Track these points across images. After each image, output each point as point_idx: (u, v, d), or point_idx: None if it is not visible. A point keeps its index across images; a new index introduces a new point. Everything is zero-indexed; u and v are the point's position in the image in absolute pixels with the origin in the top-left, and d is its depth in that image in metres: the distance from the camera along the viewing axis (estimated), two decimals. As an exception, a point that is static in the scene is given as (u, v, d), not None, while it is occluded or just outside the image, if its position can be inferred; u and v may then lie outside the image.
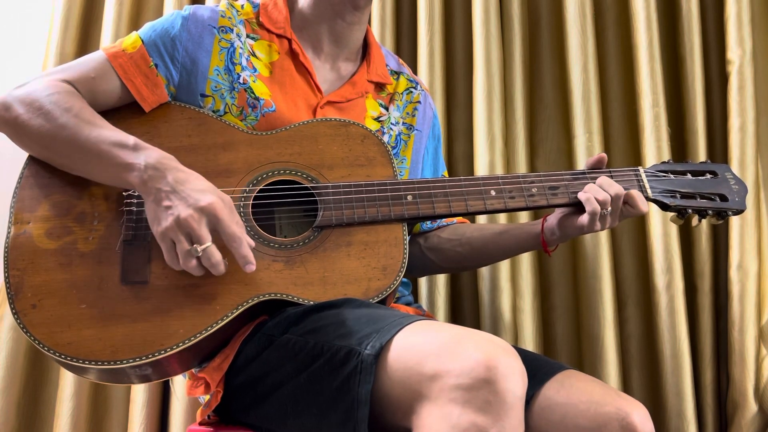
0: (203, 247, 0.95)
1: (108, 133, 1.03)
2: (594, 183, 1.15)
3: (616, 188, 1.14)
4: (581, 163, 1.62)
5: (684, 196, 1.19)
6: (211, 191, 0.98)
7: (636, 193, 1.15)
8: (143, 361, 0.96)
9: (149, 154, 1.00)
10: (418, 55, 1.70)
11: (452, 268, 1.40)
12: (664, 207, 1.20)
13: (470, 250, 1.31)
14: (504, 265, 1.58)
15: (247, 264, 0.97)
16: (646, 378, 1.61)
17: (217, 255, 0.97)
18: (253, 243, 1.00)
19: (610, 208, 1.13)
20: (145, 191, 0.99)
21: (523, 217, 1.64)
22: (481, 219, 1.60)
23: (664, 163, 1.25)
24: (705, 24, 1.69)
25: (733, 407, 1.50)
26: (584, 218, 1.13)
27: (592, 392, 1.02)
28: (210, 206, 0.95)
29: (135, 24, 1.81)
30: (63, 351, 0.96)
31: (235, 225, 0.97)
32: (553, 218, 1.21)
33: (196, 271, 0.97)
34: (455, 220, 1.38)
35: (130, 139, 1.02)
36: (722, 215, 1.19)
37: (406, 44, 1.81)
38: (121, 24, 1.79)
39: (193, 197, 0.96)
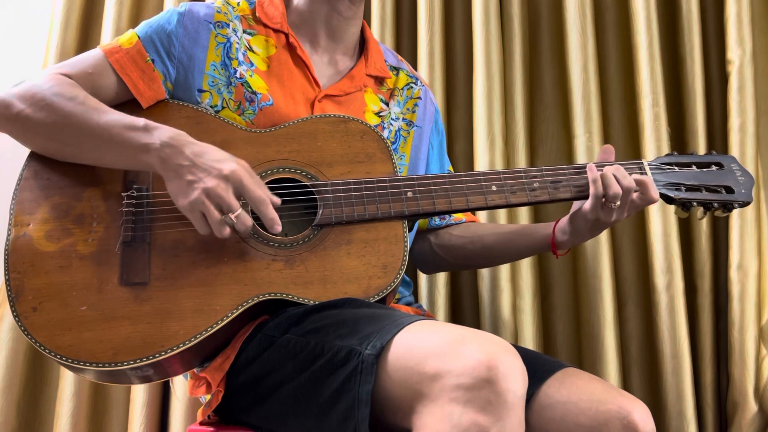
0: (236, 214, 0.98)
1: (117, 116, 1.04)
2: (607, 171, 1.11)
3: (629, 181, 1.11)
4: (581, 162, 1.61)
5: (689, 188, 1.17)
6: (230, 159, 1.00)
7: (647, 179, 1.12)
8: (144, 363, 0.96)
9: (162, 133, 1.01)
10: (418, 55, 1.70)
11: (462, 265, 1.40)
12: (668, 200, 1.17)
13: (482, 249, 1.30)
14: (504, 265, 1.57)
15: (275, 225, 1.00)
16: (646, 378, 1.61)
17: (249, 219, 1.00)
18: (278, 201, 1.02)
19: (619, 203, 1.11)
20: (164, 169, 1.00)
21: (525, 213, 1.64)
22: (483, 215, 1.60)
23: (668, 155, 1.23)
24: (705, 24, 1.69)
25: (733, 407, 1.50)
26: (587, 204, 1.12)
27: (593, 390, 1.02)
28: (233, 174, 0.98)
29: (135, 24, 1.78)
30: (64, 353, 0.96)
31: (259, 189, 1.00)
32: (565, 217, 1.20)
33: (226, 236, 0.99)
34: (464, 218, 1.37)
35: (140, 121, 1.02)
36: (728, 207, 1.17)
37: (406, 44, 1.80)
38: (121, 24, 1.79)
39: (215, 167, 0.98)
